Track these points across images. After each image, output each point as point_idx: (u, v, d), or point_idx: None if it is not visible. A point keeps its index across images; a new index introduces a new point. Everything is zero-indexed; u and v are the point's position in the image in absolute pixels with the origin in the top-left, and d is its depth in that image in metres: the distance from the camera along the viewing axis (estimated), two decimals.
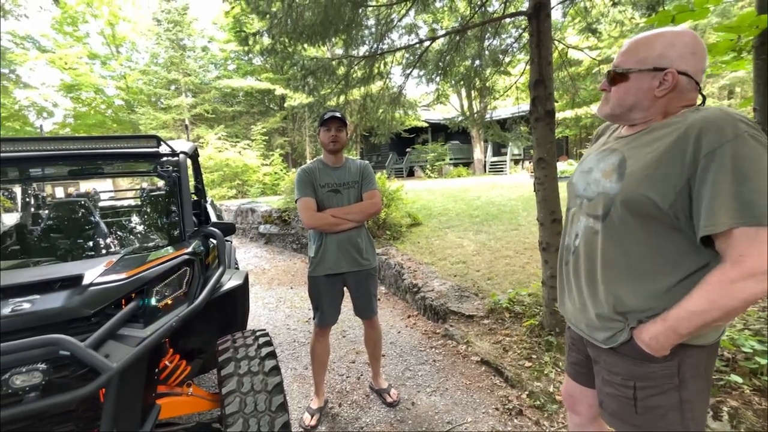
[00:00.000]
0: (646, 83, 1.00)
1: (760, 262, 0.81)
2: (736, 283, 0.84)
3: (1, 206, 3.18)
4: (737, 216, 0.83)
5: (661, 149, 0.94)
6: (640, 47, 1.02)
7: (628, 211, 0.99)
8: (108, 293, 1.43)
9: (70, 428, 1.32)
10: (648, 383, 1.00)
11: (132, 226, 2.53)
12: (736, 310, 0.86)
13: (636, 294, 0.99)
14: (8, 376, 1.14)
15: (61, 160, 2.13)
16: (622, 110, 1.07)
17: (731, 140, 0.84)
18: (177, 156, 2.29)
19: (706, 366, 1.00)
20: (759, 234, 0.82)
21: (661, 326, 0.93)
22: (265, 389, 1.53)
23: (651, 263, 0.97)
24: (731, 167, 0.83)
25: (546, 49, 2.73)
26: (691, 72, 0.98)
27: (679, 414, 0.99)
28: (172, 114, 20.62)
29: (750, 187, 0.82)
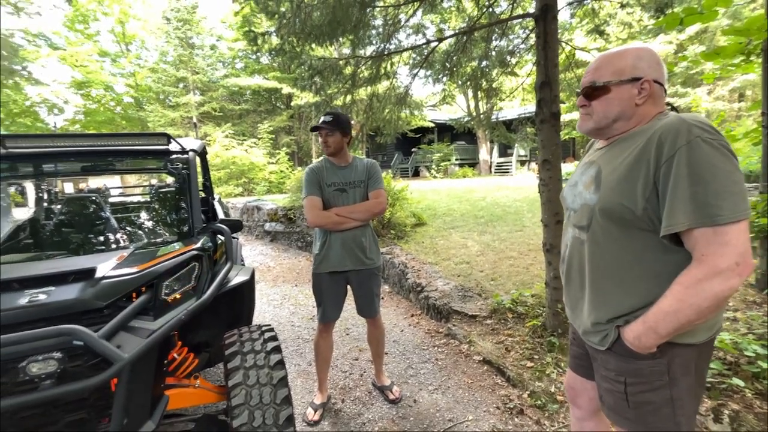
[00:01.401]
0: (627, 93, 1.05)
1: (721, 260, 0.86)
2: (702, 282, 0.88)
3: (13, 201, 3.24)
4: (694, 217, 0.88)
5: (630, 158, 1.00)
6: (614, 61, 1.08)
7: (607, 219, 1.05)
8: (120, 286, 1.48)
9: (82, 416, 1.36)
10: (638, 379, 1.04)
11: (142, 222, 2.58)
12: (708, 309, 0.89)
13: (622, 298, 1.04)
14: (25, 364, 1.19)
15: (73, 157, 2.18)
16: (607, 122, 1.11)
17: (684, 145, 0.89)
18: (186, 153, 2.34)
19: (697, 364, 1.02)
20: (717, 233, 0.87)
21: (642, 326, 0.98)
22: (270, 382, 1.57)
23: (634, 267, 1.02)
24: (686, 171, 0.88)
25: (552, 51, 2.74)
26: (661, 80, 1.06)
27: (670, 410, 1.02)
28: (180, 111, 20.81)
29: (704, 189, 0.87)
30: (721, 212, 0.85)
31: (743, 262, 0.86)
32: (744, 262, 0.86)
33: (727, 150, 0.89)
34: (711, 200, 0.86)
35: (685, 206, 0.88)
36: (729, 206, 0.86)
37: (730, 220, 0.85)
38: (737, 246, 0.86)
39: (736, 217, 0.86)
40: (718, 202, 0.86)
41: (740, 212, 0.86)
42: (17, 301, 1.34)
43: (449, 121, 6.81)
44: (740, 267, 0.85)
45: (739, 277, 0.86)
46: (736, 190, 0.87)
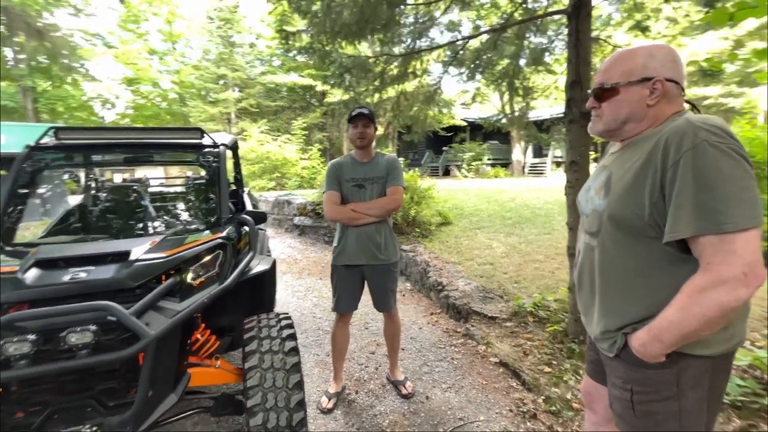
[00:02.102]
0: (637, 94, 1.02)
1: (727, 269, 0.82)
2: (706, 291, 0.85)
3: (69, 189, 3.52)
4: (699, 224, 0.84)
5: (638, 163, 0.97)
6: (623, 62, 1.05)
7: (615, 226, 1.02)
8: (150, 269, 1.60)
9: (113, 385, 1.49)
10: (645, 388, 1.02)
11: (175, 211, 2.74)
12: (714, 319, 0.86)
13: (631, 307, 1.02)
14: (65, 334, 1.32)
15: (117, 148, 2.36)
16: (616, 124, 1.09)
17: (690, 150, 0.86)
18: (218, 147, 2.47)
19: (711, 378, 0.98)
20: (722, 241, 0.83)
21: (647, 335, 0.96)
22: (283, 367, 1.64)
23: (642, 276, 1.00)
24: (692, 176, 0.85)
25: (585, 49, 2.65)
26: (676, 78, 1.01)
27: (676, 423, 0.99)
28: (219, 107, 21.70)
29: (710, 195, 0.83)
30: (727, 219, 0.82)
31: (751, 273, 0.82)
32: (753, 273, 0.82)
33: (737, 154, 0.85)
34: (717, 207, 0.83)
35: (690, 213, 0.85)
36: (736, 213, 0.82)
37: (737, 228, 0.82)
38: (745, 255, 0.82)
39: (744, 225, 0.82)
40: (724, 209, 0.82)
41: (749, 220, 0.82)
42: (61, 277, 1.48)
43: (478, 119, 6.70)
44: (748, 277, 0.82)
45: (747, 287, 0.82)
46: (745, 197, 0.83)
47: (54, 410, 1.39)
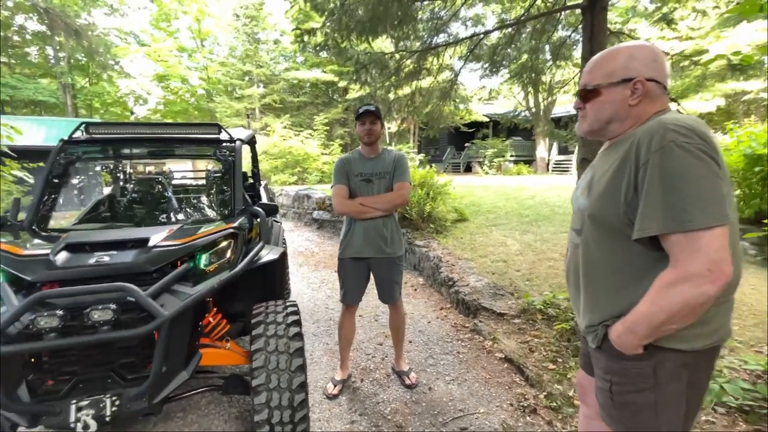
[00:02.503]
0: (619, 94, 1.04)
1: (692, 266, 0.85)
2: (673, 286, 0.88)
3: (103, 180, 3.74)
4: (665, 222, 0.87)
5: (616, 163, 1.00)
6: (604, 63, 1.07)
7: (595, 225, 1.06)
8: (166, 255, 1.72)
9: (131, 360, 1.62)
10: (623, 379, 1.05)
11: (193, 202, 2.90)
12: (680, 314, 0.89)
13: (611, 303, 1.05)
14: (89, 311, 1.45)
15: (141, 142, 2.51)
16: (600, 125, 1.11)
17: (658, 150, 0.89)
18: (234, 142, 2.59)
19: (691, 372, 0.99)
20: (688, 239, 0.85)
21: (623, 327, 0.99)
22: (287, 351, 1.74)
23: (621, 273, 1.03)
24: (659, 176, 0.88)
25: (599, 44, 2.61)
26: (657, 77, 1.03)
27: (652, 413, 1.01)
28: (244, 103, 22.23)
29: (676, 194, 0.86)
30: (692, 218, 0.84)
31: (716, 269, 0.84)
32: (718, 269, 0.84)
33: (704, 154, 0.87)
34: (683, 206, 0.85)
35: (657, 211, 0.88)
36: (701, 212, 0.84)
37: (702, 226, 0.84)
38: (710, 252, 0.84)
39: (709, 223, 0.84)
40: (689, 208, 0.85)
41: (713, 218, 0.84)
42: (87, 260, 1.63)
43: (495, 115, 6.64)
44: (713, 274, 0.84)
45: (712, 284, 0.84)
46: (710, 196, 0.85)
47: (79, 380, 1.54)
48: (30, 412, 1.45)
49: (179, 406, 2.29)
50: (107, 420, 1.47)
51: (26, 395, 1.46)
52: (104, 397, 1.49)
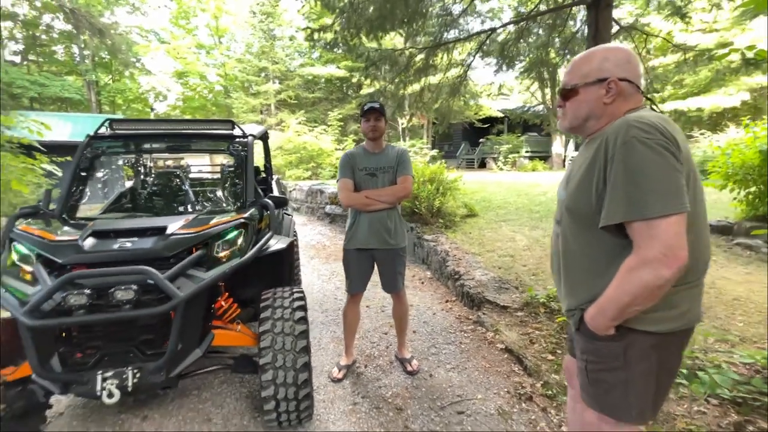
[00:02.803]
0: (594, 93, 1.12)
1: (649, 251, 0.92)
2: (634, 270, 0.95)
3: (126, 174, 3.94)
4: (627, 211, 0.95)
5: (589, 157, 1.07)
6: (582, 65, 1.15)
7: (571, 216, 1.14)
8: (182, 242, 1.86)
9: (151, 337, 1.77)
10: (597, 359, 1.12)
11: (208, 193, 3.05)
12: (641, 296, 0.96)
13: (587, 289, 1.13)
14: (113, 291, 1.60)
15: (160, 138, 2.67)
16: (578, 121, 1.18)
17: (621, 146, 0.96)
18: (246, 138, 2.72)
19: (660, 353, 1.06)
20: (648, 227, 0.93)
21: (595, 309, 1.07)
22: (292, 333, 1.86)
23: (595, 261, 1.10)
24: (622, 169, 0.95)
25: (603, 41, 2.62)
26: (630, 77, 1.10)
27: (623, 391, 1.08)
28: (260, 99, 22.57)
29: (636, 186, 0.93)
30: (650, 207, 0.91)
31: (672, 254, 0.90)
32: (673, 254, 0.90)
33: (663, 149, 0.93)
34: (642, 196, 0.92)
35: (620, 201, 0.96)
36: (658, 201, 0.91)
37: (658, 215, 0.91)
38: (665, 239, 0.91)
39: (665, 212, 0.91)
40: (648, 198, 0.92)
41: (669, 207, 0.91)
42: (111, 246, 1.78)
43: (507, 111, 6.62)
44: (668, 258, 0.90)
45: (668, 268, 0.91)
46: (667, 187, 0.92)
47: (105, 353, 1.69)
48: (61, 381, 1.61)
49: (194, 384, 2.45)
50: (129, 390, 1.62)
51: (58, 365, 1.62)
52: (126, 370, 1.64)
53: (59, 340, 1.69)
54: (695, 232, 1.06)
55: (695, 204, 1.05)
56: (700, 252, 1.08)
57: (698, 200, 1.07)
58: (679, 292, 1.06)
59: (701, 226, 1.08)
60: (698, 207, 1.07)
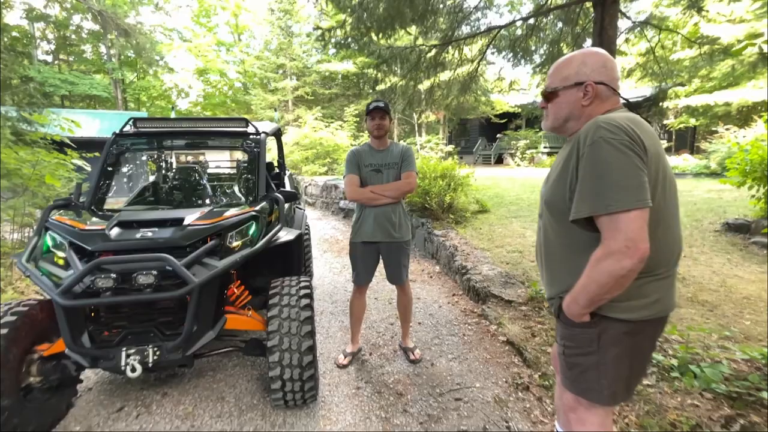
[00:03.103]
0: (573, 96, 1.19)
1: (613, 243, 1.00)
2: (600, 261, 1.03)
3: (150, 169, 4.16)
4: (593, 206, 1.02)
5: (565, 156, 1.15)
6: (562, 69, 1.22)
7: (550, 211, 1.23)
8: (198, 232, 2.01)
9: (170, 319, 1.93)
10: (573, 343, 1.20)
11: (223, 188, 3.22)
12: (607, 285, 1.03)
13: (565, 279, 1.21)
14: (135, 275, 1.76)
15: (181, 136, 2.84)
16: (559, 122, 1.26)
17: (590, 145, 1.03)
18: (259, 135, 2.86)
19: (632, 339, 1.13)
20: (611, 221, 1.00)
21: (569, 297, 1.15)
22: (298, 319, 1.99)
23: (572, 253, 1.18)
24: (590, 167, 1.03)
25: (609, 38, 2.64)
26: (606, 81, 1.17)
27: (595, 373, 1.16)
28: (278, 95, 22.92)
29: (601, 182, 1.01)
30: (613, 202, 0.98)
31: (633, 246, 0.97)
32: (634, 246, 0.97)
33: (627, 148, 1.00)
34: (606, 192, 1.00)
35: (587, 197, 1.03)
36: (621, 197, 0.98)
37: (621, 209, 0.98)
38: (627, 231, 0.97)
39: (627, 207, 0.97)
40: (611, 194, 0.99)
41: (631, 202, 0.97)
42: (134, 235, 1.94)
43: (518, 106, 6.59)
44: (630, 250, 0.97)
45: (630, 258, 0.98)
46: (629, 183, 0.98)
47: (128, 332, 1.86)
48: (91, 356, 1.78)
49: (209, 366, 2.63)
50: (149, 365, 1.78)
51: (88, 342, 1.80)
52: (147, 348, 1.80)
53: (89, 320, 1.87)
54: (664, 227, 1.12)
55: (665, 201, 1.12)
56: (668, 246, 1.14)
57: (668, 197, 1.13)
58: (650, 282, 1.12)
59: (671, 221, 1.14)
60: (668, 204, 1.13)
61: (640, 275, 1.10)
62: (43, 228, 2.06)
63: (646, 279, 1.12)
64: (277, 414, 2.13)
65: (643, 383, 2.14)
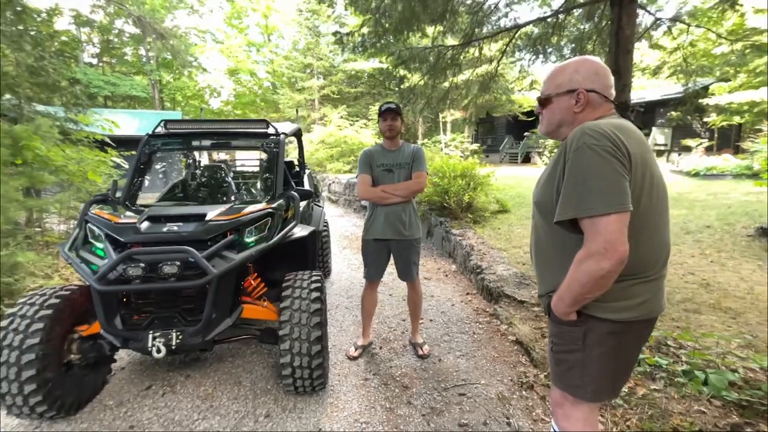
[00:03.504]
0: (565, 103, 1.23)
1: (593, 245, 1.03)
2: (581, 261, 1.07)
3: (183, 167, 4.40)
4: (574, 209, 1.06)
5: (553, 160, 1.20)
6: (556, 76, 1.26)
7: (539, 212, 1.27)
8: (218, 227, 2.17)
9: (191, 306, 2.10)
10: (560, 341, 1.25)
11: (246, 185, 3.40)
12: (588, 284, 1.07)
13: (553, 278, 1.25)
14: (161, 265, 1.94)
15: (207, 136, 3.03)
16: (552, 127, 1.30)
17: (574, 150, 1.07)
18: (278, 136, 3.01)
19: (617, 339, 1.16)
20: (592, 223, 1.04)
21: (556, 296, 1.20)
22: (308, 310, 2.11)
23: (560, 253, 1.22)
24: (573, 172, 1.07)
25: (626, 37, 2.59)
26: (598, 89, 1.20)
27: (580, 371, 1.20)
28: (304, 94, 23.37)
29: (582, 187, 1.04)
30: (593, 206, 1.02)
31: (611, 248, 1.01)
32: (612, 248, 1.01)
33: (608, 154, 1.03)
34: (587, 196, 1.03)
35: (570, 200, 1.07)
36: (600, 201, 1.01)
37: (600, 213, 1.01)
38: (606, 234, 1.01)
39: (606, 211, 1.01)
40: (592, 198, 1.03)
41: (610, 207, 1.01)
42: (161, 229, 2.12)
43: None
44: (608, 252, 1.01)
45: (609, 260, 1.01)
46: (609, 189, 1.02)
47: (155, 317, 2.04)
48: (122, 336, 1.98)
49: (229, 352, 2.81)
50: (173, 348, 1.96)
51: (119, 324, 1.99)
52: (171, 331, 1.97)
53: (121, 304, 2.06)
54: (650, 231, 1.15)
55: (651, 205, 1.14)
56: (655, 248, 1.17)
57: (655, 202, 1.15)
58: (637, 284, 1.15)
59: (658, 224, 1.17)
60: (655, 208, 1.15)
61: (626, 277, 1.13)
62: (83, 221, 2.28)
63: (633, 281, 1.15)
64: (288, 399, 2.27)
65: (650, 387, 2.12)
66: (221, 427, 2.05)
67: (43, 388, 1.89)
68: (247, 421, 2.10)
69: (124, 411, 2.19)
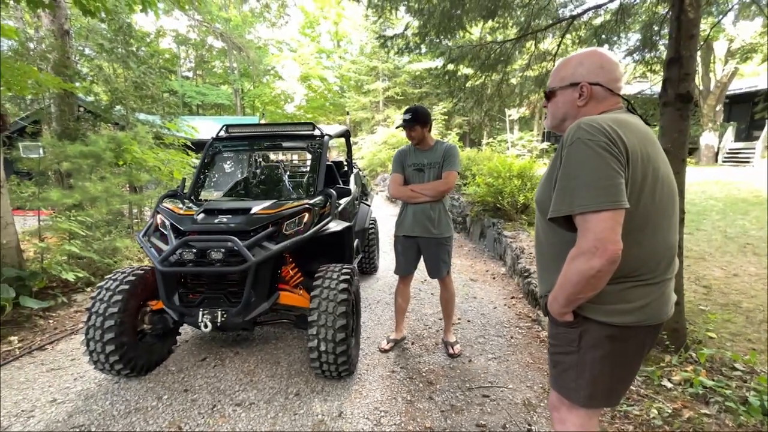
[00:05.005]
0: (569, 96, 1.19)
1: (584, 242, 0.99)
2: (573, 259, 1.03)
3: (241, 166, 4.84)
4: (567, 206, 1.02)
5: (553, 157, 1.16)
6: (560, 69, 1.22)
7: (539, 209, 1.24)
8: (260, 220, 2.41)
9: (234, 290, 2.37)
10: (557, 342, 1.22)
11: (293, 183, 3.67)
12: (579, 283, 1.02)
13: (552, 277, 1.21)
14: (209, 251, 2.22)
15: (261, 139, 3.35)
16: (557, 121, 1.27)
17: (569, 146, 1.03)
18: (322, 137, 3.21)
19: (614, 343, 1.11)
20: (583, 220, 0.99)
21: (551, 296, 1.17)
22: (335, 300, 2.26)
23: (556, 249, 1.18)
24: (567, 168, 1.03)
25: (689, 21, 2.33)
26: (603, 82, 1.15)
27: (574, 374, 1.16)
28: (369, 97, 23.99)
29: (575, 182, 1.00)
30: (584, 202, 0.98)
31: (601, 246, 0.96)
32: (602, 246, 0.96)
33: (602, 150, 0.98)
34: (579, 192, 0.99)
35: (564, 196, 1.03)
36: (592, 198, 0.97)
37: (591, 210, 0.97)
38: (597, 232, 0.97)
39: (597, 208, 0.96)
40: (584, 194, 0.98)
41: (601, 204, 0.96)
42: (214, 220, 2.42)
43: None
44: (599, 250, 0.96)
45: (599, 258, 0.96)
46: (601, 185, 0.97)
47: (205, 297, 2.34)
48: (179, 311, 2.31)
49: (273, 335, 3.08)
50: (218, 325, 2.23)
51: (177, 301, 2.32)
52: (217, 310, 2.25)
53: (179, 284, 2.40)
54: (651, 231, 1.07)
55: (653, 204, 1.07)
56: (656, 250, 1.09)
57: (659, 200, 1.08)
58: (634, 287, 1.09)
59: (661, 225, 1.08)
60: (658, 207, 1.07)
61: (625, 279, 1.08)
62: (156, 212, 2.68)
63: (630, 283, 1.08)
64: (317, 382, 2.44)
65: (699, 411, 1.90)
66: (256, 399, 2.29)
67: (120, 350, 2.28)
68: (278, 396, 2.31)
69: (182, 377, 2.54)
